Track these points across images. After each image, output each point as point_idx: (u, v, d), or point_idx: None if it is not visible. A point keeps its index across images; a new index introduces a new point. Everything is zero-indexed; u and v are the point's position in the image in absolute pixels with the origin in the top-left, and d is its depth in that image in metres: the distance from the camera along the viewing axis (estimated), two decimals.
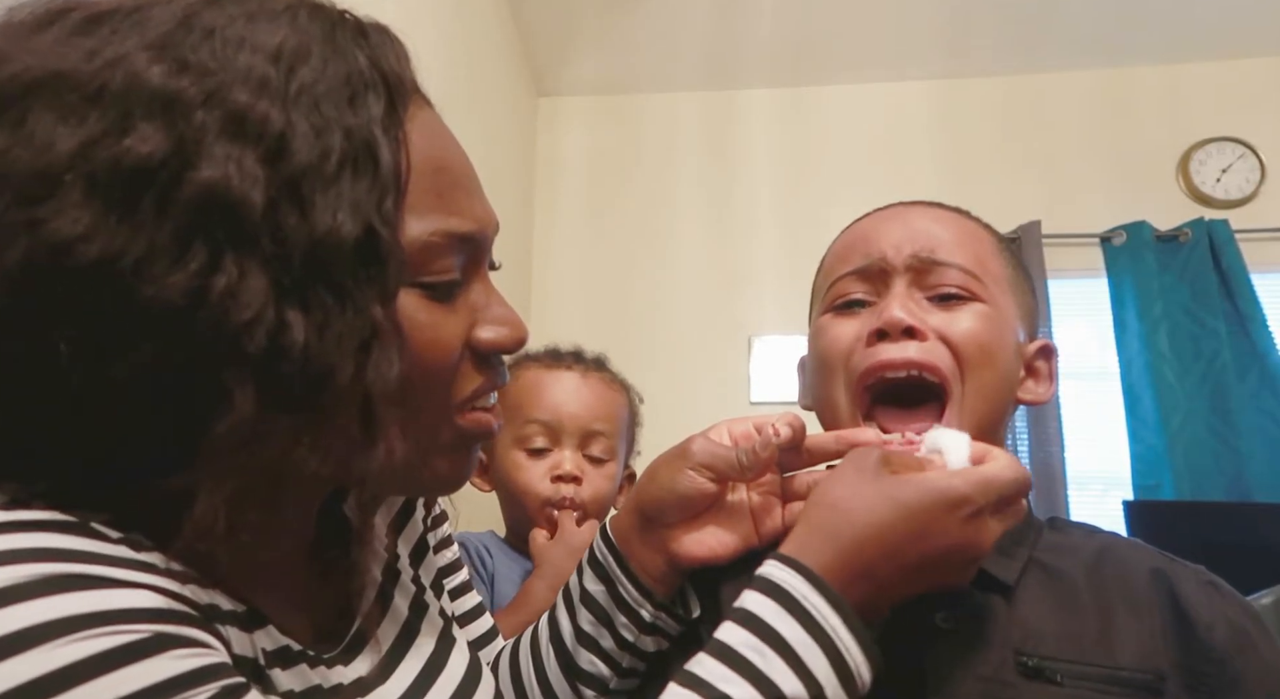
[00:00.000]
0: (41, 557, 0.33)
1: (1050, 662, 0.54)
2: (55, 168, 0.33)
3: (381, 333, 0.39)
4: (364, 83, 0.40)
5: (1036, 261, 2.46)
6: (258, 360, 0.35)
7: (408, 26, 0.47)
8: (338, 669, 0.47)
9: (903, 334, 0.60)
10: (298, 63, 0.38)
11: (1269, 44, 2.51)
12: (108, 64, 0.35)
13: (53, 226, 0.33)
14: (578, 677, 0.64)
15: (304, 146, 0.37)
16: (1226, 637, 0.55)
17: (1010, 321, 0.63)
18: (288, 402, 0.36)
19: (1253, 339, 2.32)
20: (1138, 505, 2.16)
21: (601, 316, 2.64)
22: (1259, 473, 2.22)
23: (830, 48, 2.60)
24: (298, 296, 0.36)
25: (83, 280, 0.34)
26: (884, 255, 0.63)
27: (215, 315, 0.34)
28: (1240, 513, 2.08)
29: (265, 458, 0.37)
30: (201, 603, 0.38)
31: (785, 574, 0.49)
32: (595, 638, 0.63)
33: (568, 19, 2.47)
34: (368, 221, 0.38)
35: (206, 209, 0.34)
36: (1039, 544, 0.62)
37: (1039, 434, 2.35)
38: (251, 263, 0.35)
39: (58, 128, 0.34)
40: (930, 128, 2.69)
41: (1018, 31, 2.49)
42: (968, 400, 0.60)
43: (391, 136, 0.40)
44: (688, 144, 2.77)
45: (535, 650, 0.67)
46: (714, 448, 0.61)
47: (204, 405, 0.35)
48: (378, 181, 0.39)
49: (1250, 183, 2.51)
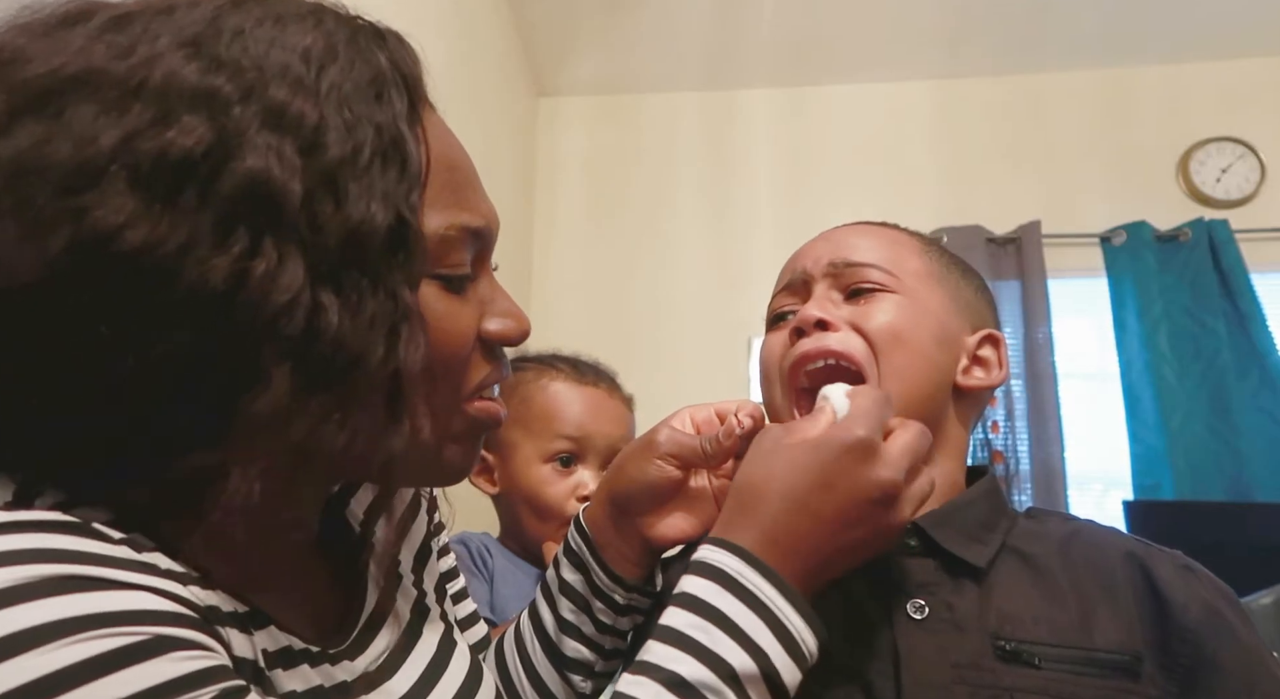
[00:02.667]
0: (43, 558, 0.33)
1: (1028, 645, 0.56)
2: (98, 159, 0.35)
3: (410, 316, 0.40)
4: (387, 82, 0.42)
5: (1036, 261, 2.47)
6: (294, 341, 0.37)
7: (408, 27, 0.48)
8: (341, 666, 0.48)
9: (815, 327, 0.64)
10: (327, 62, 0.40)
11: (1269, 44, 2.52)
12: (144, 61, 0.37)
13: (96, 215, 0.34)
14: (564, 665, 0.66)
15: (337, 140, 0.38)
16: (1201, 618, 0.56)
17: (930, 310, 0.66)
18: (322, 381, 0.37)
19: (1253, 339, 2.32)
20: (1138, 505, 2.16)
21: (601, 316, 2.64)
22: (1259, 473, 2.23)
23: (830, 48, 2.60)
24: (333, 281, 0.38)
25: (126, 266, 0.35)
26: (805, 268, 0.70)
27: (255, 298, 0.36)
28: (1240, 513, 2.08)
29: (296, 436, 0.37)
30: (202, 605, 0.38)
31: (719, 555, 0.51)
32: (577, 625, 0.66)
33: (568, 19, 2.47)
34: (398, 211, 0.40)
35: (248, 198, 0.36)
36: (1014, 532, 0.63)
37: (1039, 434, 2.35)
38: (290, 248, 0.37)
39: (99, 120, 0.35)
40: (930, 128, 2.69)
41: (1018, 31, 2.49)
42: (884, 382, 0.62)
43: (414, 133, 0.43)
44: (688, 144, 2.77)
45: (520, 645, 0.69)
46: (679, 437, 0.64)
47: (241, 385, 0.36)
48: (405, 174, 0.41)
49: (1250, 183, 2.51)
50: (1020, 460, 2.35)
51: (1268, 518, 1.99)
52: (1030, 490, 2.33)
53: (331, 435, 0.38)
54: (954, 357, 0.67)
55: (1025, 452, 2.36)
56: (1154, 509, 2.13)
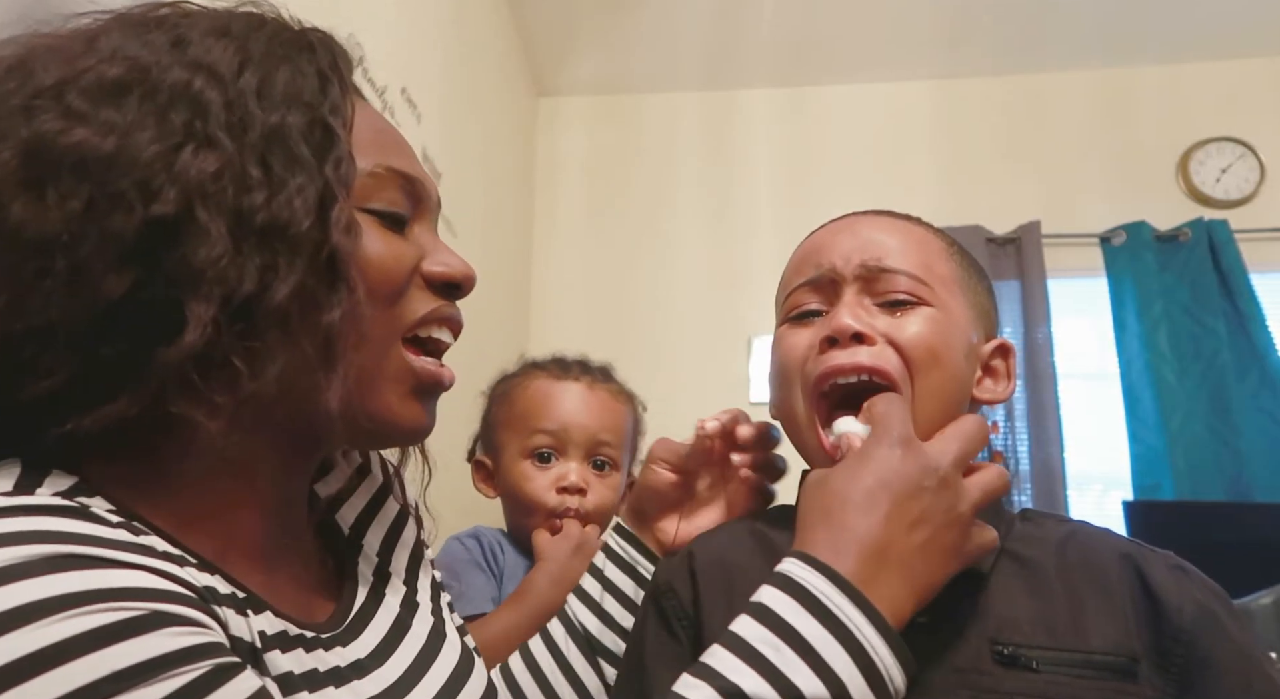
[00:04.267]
0: (41, 539, 0.34)
1: (1025, 649, 0.56)
2: (52, 85, 0.42)
3: (338, 200, 0.45)
4: (313, 47, 0.49)
5: (1036, 261, 2.47)
6: (226, 204, 0.42)
7: (408, 27, 0.49)
8: (335, 652, 0.49)
9: (851, 340, 0.62)
10: (258, 26, 0.48)
11: (1269, 44, 2.52)
12: (100, 30, 0.45)
13: (45, 119, 0.41)
14: (602, 655, 0.72)
15: (257, 68, 0.45)
16: (1195, 618, 0.56)
17: (959, 323, 0.65)
18: (256, 238, 0.42)
19: (1253, 339, 2.32)
20: (1138, 505, 2.16)
21: (601, 317, 2.64)
22: (1259, 473, 2.23)
23: (830, 48, 2.60)
24: (259, 162, 0.44)
25: (74, 159, 0.40)
26: (834, 266, 0.66)
27: (186, 170, 0.41)
28: (1240, 513, 2.08)
29: (246, 287, 0.41)
30: (199, 585, 0.39)
31: (804, 572, 0.50)
32: (620, 621, 0.73)
33: (568, 19, 2.47)
34: (318, 117, 0.46)
35: (177, 100, 0.43)
36: (1010, 535, 0.63)
37: (1039, 434, 2.35)
38: (217, 135, 0.43)
39: (52, 66, 0.43)
40: (930, 128, 2.69)
41: (1018, 31, 2.49)
42: (918, 401, 0.61)
43: (337, 83, 0.49)
44: (688, 144, 2.77)
45: (553, 648, 0.74)
46: (669, 444, 0.75)
47: (186, 246, 0.41)
48: (327, 97, 0.47)
49: (1250, 183, 2.51)
50: (1020, 460, 2.35)
51: (1268, 518, 1.99)
52: (1030, 491, 2.33)
53: (278, 290, 0.42)
54: (973, 369, 0.66)
55: (1025, 452, 2.36)
56: (1154, 509, 2.13)
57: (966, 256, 0.71)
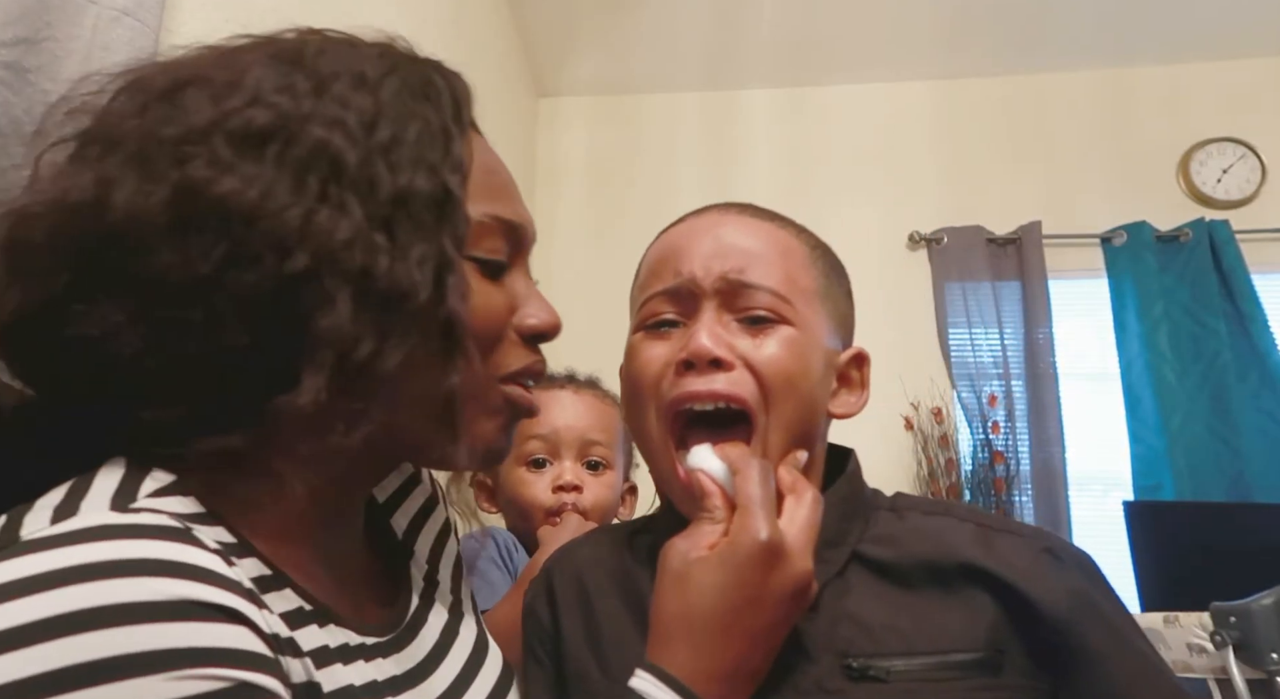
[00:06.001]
0: (148, 571, 0.36)
1: (877, 659, 0.55)
2: (200, 127, 0.43)
3: (455, 268, 0.46)
4: (439, 92, 0.50)
5: (1036, 261, 2.47)
6: (353, 273, 0.43)
7: (408, 27, 0.50)
8: (392, 660, 0.51)
9: (709, 365, 0.59)
10: (389, 71, 0.48)
11: (1269, 44, 2.52)
12: (241, 68, 0.46)
13: (195, 165, 0.42)
14: None
15: (390, 123, 0.46)
16: (1066, 605, 0.55)
17: (818, 340, 0.63)
18: (378, 307, 0.43)
19: (1253, 339, 2.32)
20: (1138, 506, 2.16)
21: (602, 317, 2.63)
22: (1259, 473, 2.23)
23: (830, 48, 2.60)
24: (385, 228, 0.45)
25: (218, 209, 0.41)
26: (693, 276, 0.63)
27: (321, 236, 0.42)
28: (1240, 513, 2.08)
29: (361, 354, 0.43)
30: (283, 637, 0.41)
31: (656, 691, 0.50)
32: None
33: (568, 19, 2.47)
34: (442, 183, 0.47)
35: (315, 158, 0.44)
36: (867, 535, 0.62)
37: (1039, 434, 2.35)
38: (349, 198, 0.44)
39: (203, 105, 0.44)
40: (930, 128, 2.69)
41: (1018, 31, 2.49)
42: (773, 426, 0.60)
43: (460, 131, 0.50)
44: (688, 144, 2.77)
45: None
46: None
47: (311, 311, 0.42)
48: (449, 157, 0.48)
49: (1251, 183, 2.51)
50: (1020, 461, 2.35)
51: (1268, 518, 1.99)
52: (1030, 491, 2.33)
53: (390, 358, 0.43)
54: (829, 384, 0.65)
55: (1025, 452, 2.36)
56: (1154, 510, 2.13)
57: (827, 259, 0.68)
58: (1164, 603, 1.48)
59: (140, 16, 0.77)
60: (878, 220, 2.62)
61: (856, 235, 2.61)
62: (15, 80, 0.65)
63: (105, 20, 0.73)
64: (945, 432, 2.39)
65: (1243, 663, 1.26)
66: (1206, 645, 1.31)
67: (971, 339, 2.47)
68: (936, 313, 2.53)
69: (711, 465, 0.57)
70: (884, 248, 2.62)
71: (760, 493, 0.54)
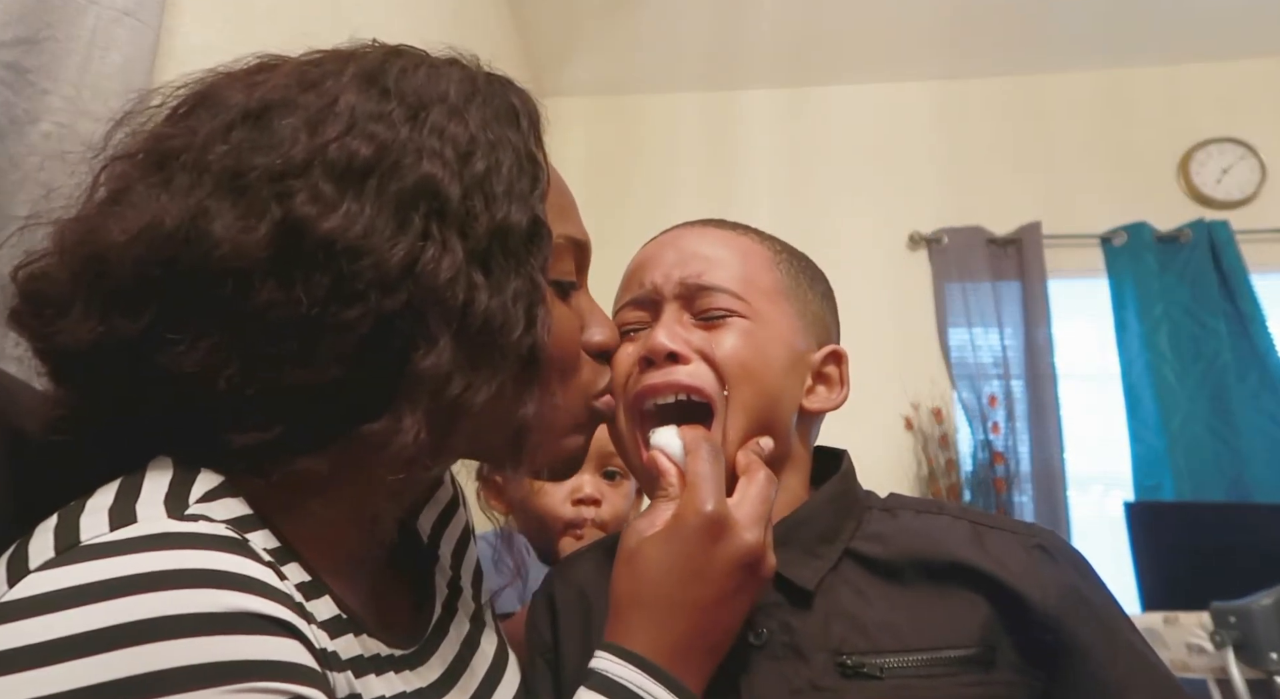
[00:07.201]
0: (202, 581, 0.36)
1: (870, 657, 0.55)
2: (300, 159, 0.42)
3: (545, 299, 0.47)
4: (519, 114, 0.51)
5: (1037, 262, 2.47)
6: (455, 312, 0.43)
7: (409, 27, 0.50)
8: (418, 671, 0.51)
9: (667, 359, 0.62)
10: (472, 95, 0.49)
11: (1269, 44, 2.52)
12: (331, 91, 0.45)
13: (299, 201, 0.41)
14: None
15: (485, 154, 0.47)
16: (1059, 602, 0.56)
17: (779, 334, 0.65)
18: (476, 346, 0.44)
19: (1253, 339, 2.32)
20: (1138, 506, 2.16)
21: None
22: (1259, 473, 2.23)
23: (830, 48, 2.60)
24: (483, 265, 0.45)
25: (324, 246, 0.41)
26: (655, 284, 0.66)
27: (426, 275, 0.43)
28: (1240, 513, 2.08)
29: (454, 391, 0.43)
30: (329, 617, 0.43)
31: (622, 669, 0.50)
32: None
33: (568, 19, 2.47)
34: (533, 212, 0.48)
35: (420, 194, 0.44)
36: (860, 533, 0.62)
37: (1039, 435, 2.35)
38: (451, 236, 0.44)
39: (299, 132, 0.43)
40: (930, 128, 2.69)
41: (1018, 31, 2.49)
42: (733, 415, 0.61)
43: (542, 155, 0.51)
44: (688, 144, 2.77)
45: None
46: None
47: (412, 349, 0.43)
48: (537, 185, 0.49)
49: (1251, 184, 2.51)
50: (1020, 461, 2.36)
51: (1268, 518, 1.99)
52: (1030, 491, 2.33)
53: (480, 393, 0.44)
54: (801, 379, 0.66)
55: (1025, 452, 2.36)
56: (1154, 510, 2.13)
57: (798, 263, 0.70)
58: (1164, 603, 1.49)
59: (140, 16, 0.77)
60: (878, 220, 2.62)
61: (857, 236, 2.62)
62: (15, 80, 0.65)
63: (105, 20, 0.73)
64: (945, 432, 2.40)
65: (1242, 663, 1.26)
66: (1206, 645, 1.31)
67: (971, 339, 2.47)
68: (936, 313, 2.54)
69: (672, 446, 0.59)
70: (884, 248, 2.62)
71: (708, 469, 0.55)
